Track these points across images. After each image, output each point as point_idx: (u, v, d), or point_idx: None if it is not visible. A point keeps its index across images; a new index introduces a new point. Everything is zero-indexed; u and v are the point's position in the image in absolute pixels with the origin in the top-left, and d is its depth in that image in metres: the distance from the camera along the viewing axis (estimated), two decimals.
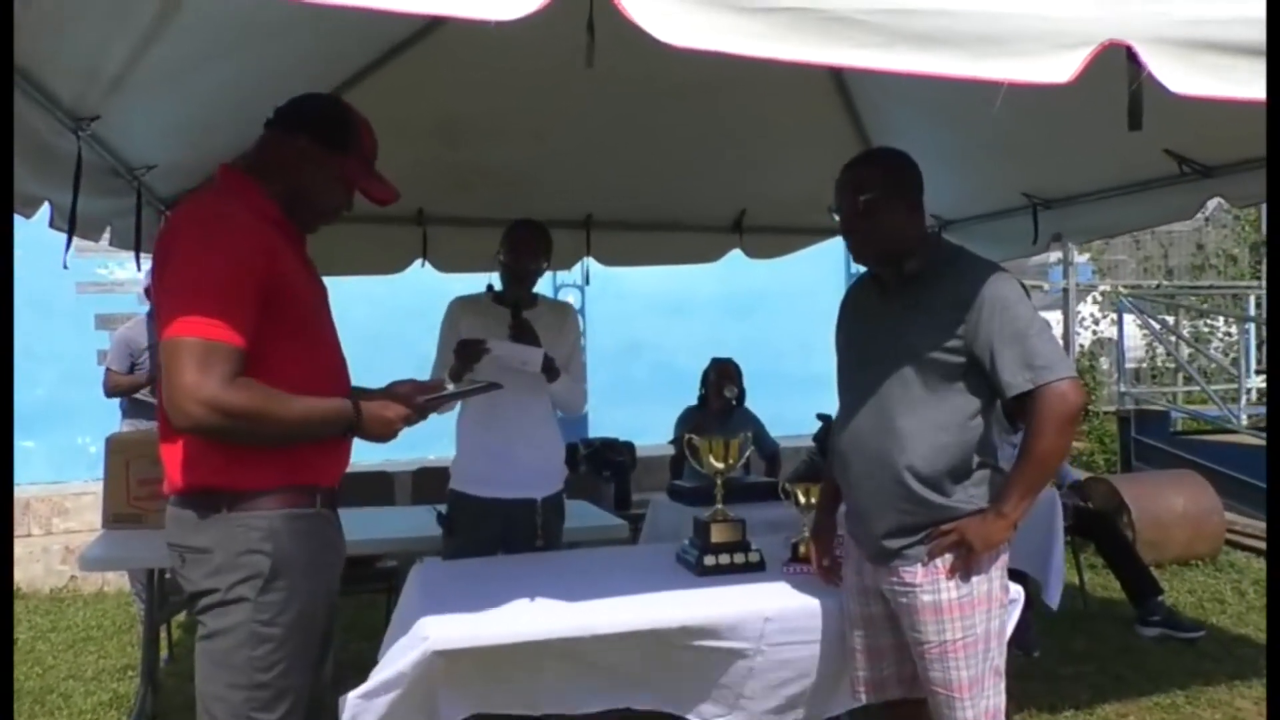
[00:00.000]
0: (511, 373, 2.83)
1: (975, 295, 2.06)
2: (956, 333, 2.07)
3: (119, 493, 3.59)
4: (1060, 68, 1.53)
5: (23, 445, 6.43)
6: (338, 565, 1.99)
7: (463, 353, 2.89)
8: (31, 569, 5.77)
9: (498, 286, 3.25)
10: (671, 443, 4.83)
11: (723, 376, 4.80)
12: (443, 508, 3.26)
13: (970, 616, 2.10)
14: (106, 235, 3.12)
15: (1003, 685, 2.18)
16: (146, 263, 3.37)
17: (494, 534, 3.10)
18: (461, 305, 3.23)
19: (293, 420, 1.77)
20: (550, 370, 3.04)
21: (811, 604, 2.37)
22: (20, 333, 6.42)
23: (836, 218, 2.25)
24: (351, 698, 2.05)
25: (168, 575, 3.46)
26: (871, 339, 2.25)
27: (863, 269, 2.39)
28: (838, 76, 3.58)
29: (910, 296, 2.18)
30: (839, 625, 2.34)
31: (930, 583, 2.11)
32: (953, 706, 2.11)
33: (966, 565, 2.10)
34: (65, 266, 2.53)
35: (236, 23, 2.28)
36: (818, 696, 2.36)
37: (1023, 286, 2.17)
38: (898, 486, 2.12)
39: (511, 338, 3.01)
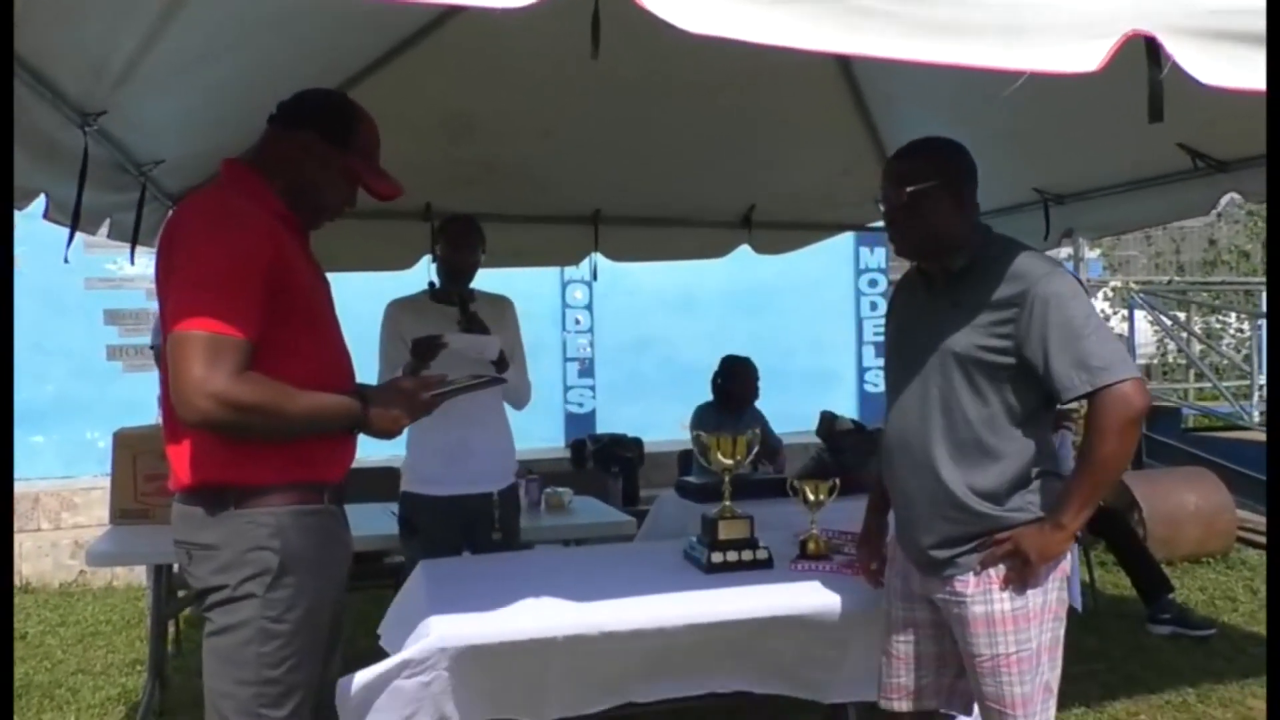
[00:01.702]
0: (467, 364, 2.82)
1: (1025, 293, 1.94)
2: (1005, 333, 1.96)
3: (126, 488, 3.60)
4: (1087, 57, 1.50)
5: (32, 440, 6.45)
6: (345, 561, 1.98)
7: (419, 350, 2.88)
8: (41, 563, 5.80)
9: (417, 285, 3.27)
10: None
11: (747, 385, 4.76)
12: (394, 507, 3.27)
13: (1025, 630, 2.00)
14: (104, 229, 3.11)
15: (1053, 702, 2.07)
16: (142, 257, 3.37)
17: (455, 532, 3.13)
18: (399, 307, 3.24)
19: (300, 415, 1.77)
20: (501, 361, 3.04)
21: (820, 602, 2.35)
22: (29, 328, 6.50)
23: (882, 206, 2.14)
24: (356, 681, 2.04)
25: (175, 570, 3.47)
26: (917, 336, 2.11)
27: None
28: (847, 71, 3.56)
29: (957, 293, 2.05)
30: (847, 625, 2.32)
31: (982, 593, 2.00)
32: None
33: (1022, 578, 1.99)
34: (66, 260, 2.52)
35: (243, 16, 2.27)
36: (813, 678, 2.35)
37: (1079, 282, 2.04)
38: (946, 494, 2.01)
39: (462, 330, 3.02)
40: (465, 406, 2.96)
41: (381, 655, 2.18)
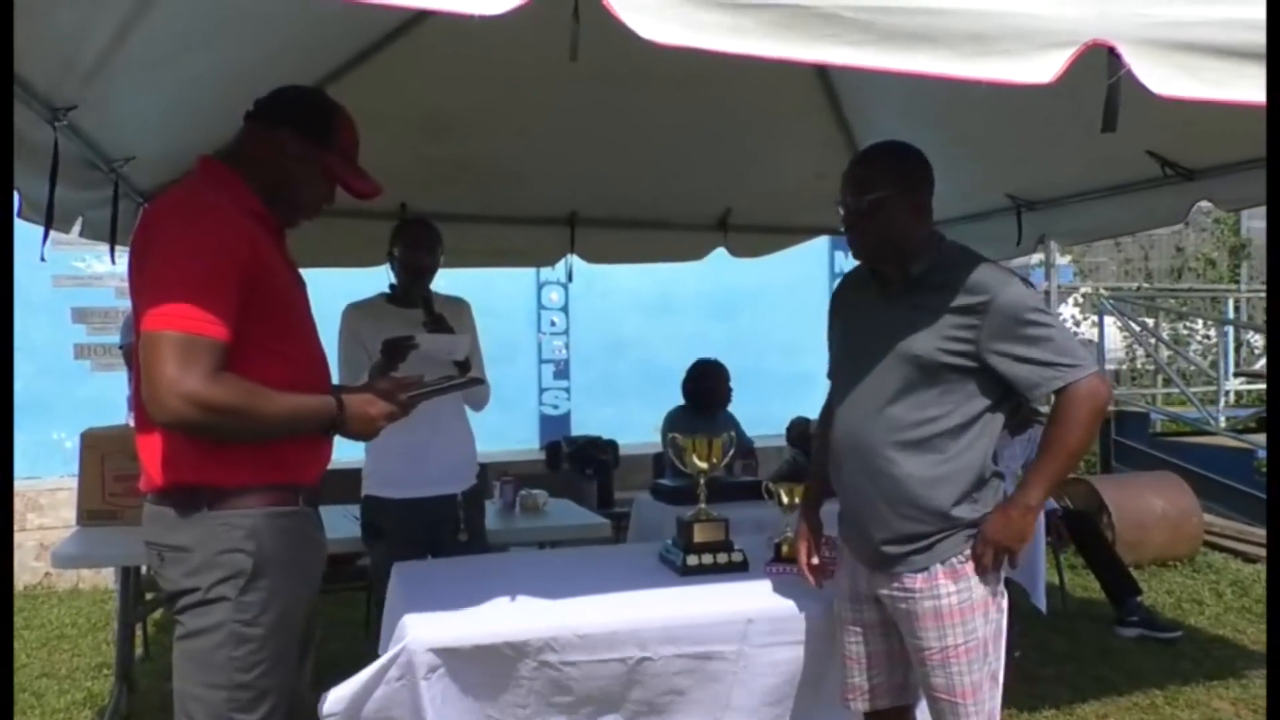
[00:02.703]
0: (431, 367, 2.81)
1: (988, 301, 2.00)
2: (967, 338, 2.02)
3: (94, 489, 3.55)
4: (1043, 68, 1.52)
5: None
6: (319, 564, 1.97)
7: (390, 351, 2.85)
8: None
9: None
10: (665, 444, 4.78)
11: (719, 388, 4.78)
12: (356, 510, 3.25)
13: (971, 621, 2.07)
14: (77, 227, 3.07)
15: (999, 692, 2.14)
16: (121, 257, 3.33)
17: (418, 534, 3.11)
18: (357, 311, 3.21)
19: (275, 416, 1.75)
20: (464, 365, 3.03)
21: (795, 605, 2.36)
22: None
23: (841, 211, 2.18)
24: (332, 696, 2.02)
25: (143, 572, 3.43)
26: (870, 339, 2.15)
27: (844, 270, 2.38)
28: (823, 75, 3.58)
29: (914, 298, 2.10)
30: (822, 627, 2.33)
31: (930, 588, 2.07)
32: (957, 713, 2.07)
33: (1014, 563, 2.09)
34: (43, 259, 2.49)
35: (218, 11, 2.24)
36: (801, 705, 2.34)
37: (1031, 286, 2.12)
38: (900, 492, 2.07)
39: (429, 331, 3.00)
40: (425, 408, 2.92)
41: (355, 657, 2.17)
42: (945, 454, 2.06)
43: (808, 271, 7.85)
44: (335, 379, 3.01)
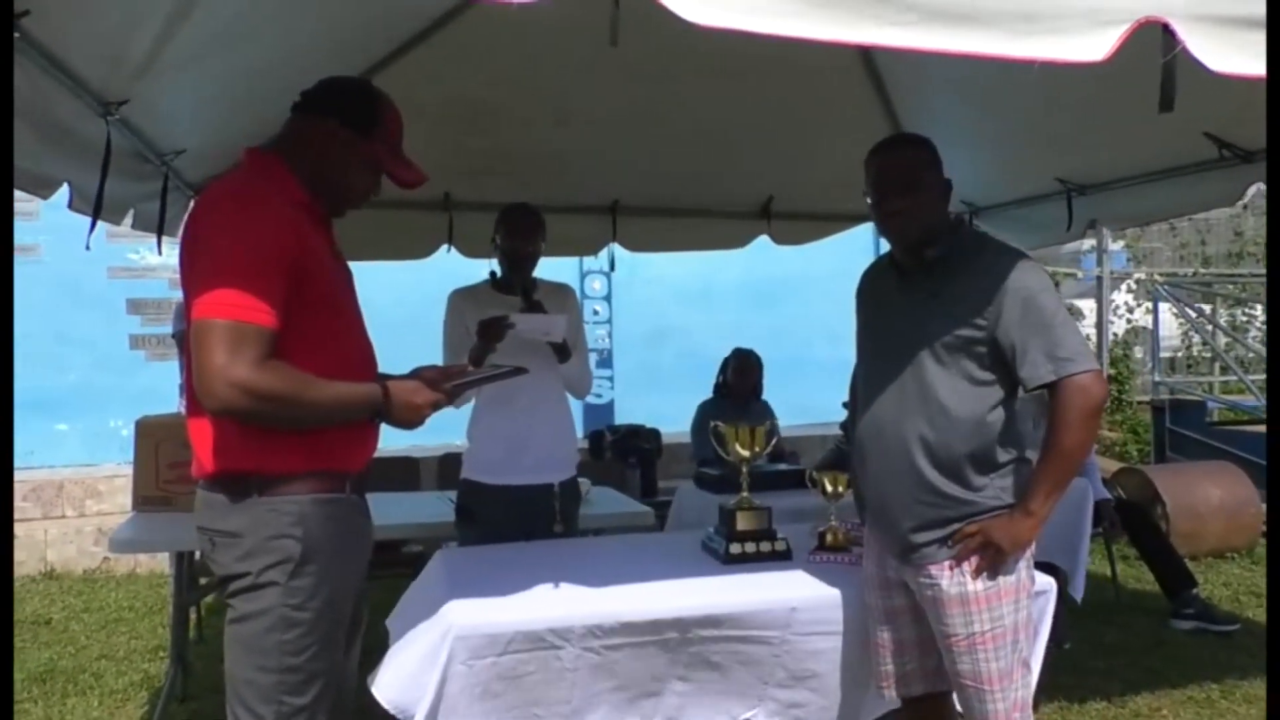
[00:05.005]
0: (529, 352, 2.81)
1: (999, 283, 2.02)
2: (979, 321, 2.04)
3: (148, 475, 3.62)
4: (1095, 46, 1.48)
5: (56, 428, 6.53)
6: (366, 550, 2.00)
7: (485, 332, 2.86)
8: (65, 550, 5.87)
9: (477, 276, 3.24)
10: (694, 437, 4.75)
11: (755, 378, 4.75)
12: (453, 495, 3.26)
13: (998, 608, 2.08)
14: (129, 219, 3.13)
15: (1031, 678, 2.16)
16: (168, 247, 3.40)
17: (513, 522, 3.07)
18: (462, 297, 3.20)
19: (323, 404, 1.78)
20: (562, 349, 3.03)
21: (838, 594, 2.34)
22: (52, 318, 6.57)
23: (870, 201, 2.19)
24: (381, 684, 2.04)
25: (197, 557, 3.50)
26: (891, 327, 2.20)
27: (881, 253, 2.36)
28: (868, 59, 3.53)
29: (932, 284, 2.13)
30: (865, 617, 2.31)
31: (956, 575, 2.09)
32: (983, 699, 2.09)
33: (995, 566, 2.07)
34: (87, 248, 2.54)
35: (261, 5, 2.27)
36: (846, 698, 2.33)
37: (1047, 275, 2.13)
38: (920, 479, 2.09)
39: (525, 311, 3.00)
40: (527, 396, 2.99)
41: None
42: (963, 440, 2.06)
43: (851, 259, 7.69)
44: (441, 363, 3.06)
